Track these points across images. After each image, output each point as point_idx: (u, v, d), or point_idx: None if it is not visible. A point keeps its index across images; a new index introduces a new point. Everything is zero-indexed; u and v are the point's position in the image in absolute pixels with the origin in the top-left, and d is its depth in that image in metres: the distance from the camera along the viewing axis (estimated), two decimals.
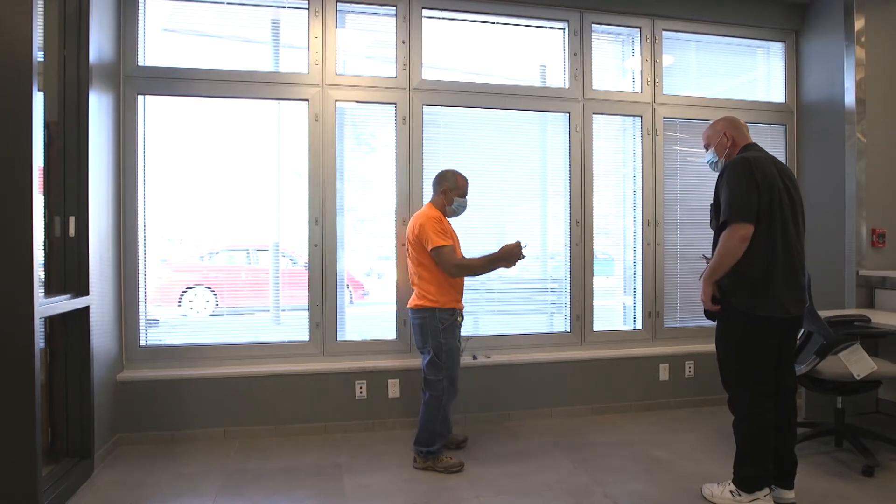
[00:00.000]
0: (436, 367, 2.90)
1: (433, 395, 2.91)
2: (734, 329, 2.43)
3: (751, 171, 2.32)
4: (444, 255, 2.85)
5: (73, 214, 2.80)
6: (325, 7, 3.55)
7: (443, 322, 2.89)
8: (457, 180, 3.04)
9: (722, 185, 2.39)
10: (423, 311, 2.92)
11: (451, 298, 2.94)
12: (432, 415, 2.90)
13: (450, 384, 2.92)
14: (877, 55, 3.82)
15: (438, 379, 2.90)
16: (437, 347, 2.89)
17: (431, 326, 2.89)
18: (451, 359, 2.92)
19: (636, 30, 4.05)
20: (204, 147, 3.50)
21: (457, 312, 2.98)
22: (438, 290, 2.90)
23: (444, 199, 3.03)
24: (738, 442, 2.46)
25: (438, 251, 2.85)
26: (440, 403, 2.90)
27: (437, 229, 2.88)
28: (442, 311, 2.90)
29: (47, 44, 2.68)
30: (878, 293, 3.74)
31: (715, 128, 2.61)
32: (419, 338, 2.97)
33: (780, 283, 2.34)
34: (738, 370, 2.44)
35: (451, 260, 2.86)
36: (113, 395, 3.19)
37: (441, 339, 2.89)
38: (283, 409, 3.43)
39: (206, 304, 3.56)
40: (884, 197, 3.82)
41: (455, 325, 2.97)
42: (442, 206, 3.04)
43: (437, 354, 2.89)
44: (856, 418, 3.54)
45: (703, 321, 4.11)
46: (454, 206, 3.04)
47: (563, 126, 3.93)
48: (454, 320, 2.95)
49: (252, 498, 2.63)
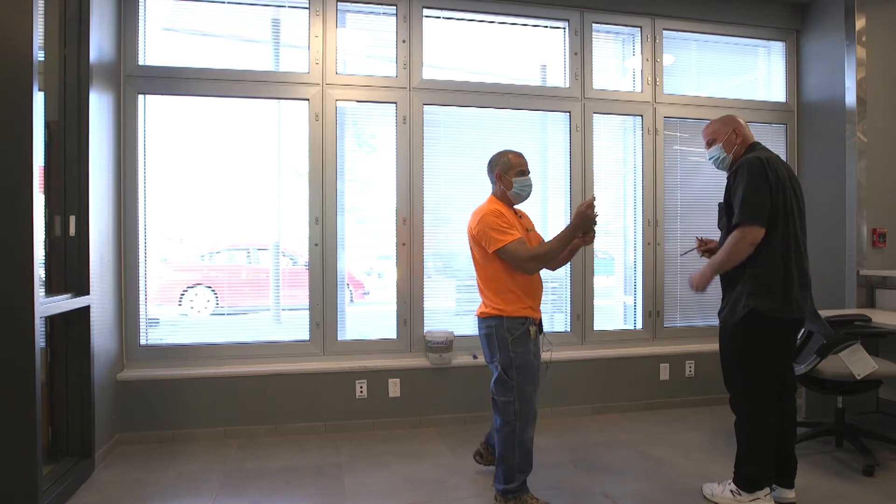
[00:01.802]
0: (504, 385, 2.45)
1: (504, 421, 2.46)
2: (747, 330, 2.39)
3: (765, 172, 2.30)
4: (512, 251, 2.39)
5: (74, 214, 2.80)
6: (325, 6, 3.55)
7: (511, 332, 2.44)
8: (508, 159, 2.57)
9: (736, 184, 2.35)
10: (488, 319, 2.50)
11: (522, 305, 2.47)
12: (508, 445, 2.45)
13: (523, 406, 2.44)
14: (877, 55, 3.82)
15: (508, 400, 2.45)
16: (505, 362, 2.45)
17: (499, 337, 2.46)
18: (522, 376, 2.45)
19: (637, 29, 4.05)
20: (204, 146, 3.50)
21: (529, 321, 2.48)
22: (504, 296, 2.47)
23: (502, 184, 2.57)
24: (741, 441, 2.46)
25: (504, 250, 2.40)
26: (514, 430, 2.43)
27: (498, 225, 2.43)
28: (510, 319, 2.45)
29: (48, 43, 2.68)
30: (878, 293, 3.74)
31: (723, 123, 2.55)
32: (486, 350, 2.56)
33: (795, 283, 2.35)
34: (745, 370, 2.43)
35: (522, 254, 2.39)
36: (113, 394, 3.19)
37: (510, 351, 2.44)
38: (284, 409, 3.43)
39: (207, 303, 3.56)
40: (884, 197, 3.81)
41: (527, 336, 2.47)
42: (503, 195, 2.59)
43: (505, 370, 2.44)
44: (856, 418, 3.54)
45: (702, 321, 4.18)
46: (515, 188, 2.56)
47: (564, 125, 3.93)
48: (525, 330, 2.47)
49: (252, 497, 2.63)
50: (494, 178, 2.60)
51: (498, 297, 2.47)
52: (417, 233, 3.66)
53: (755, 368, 2.40)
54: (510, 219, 2.50)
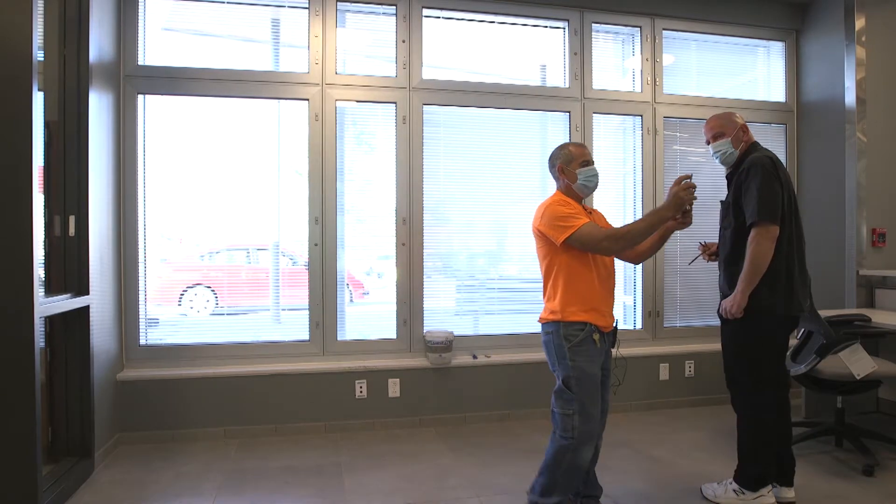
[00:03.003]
0: (563, 398, 2.20)
1: (560, 436, 2.21)
2: (752, 328, 2.40)
3: (776, 171, 2.33)
4: (584, 234, 2.16)
5: (74, 214, 2.80)
6: (325, 6, 3.55)
7: (569, 339, 2.19)
8: (568, 151, 2.35)
9: (748, 183, 2.35)
10: (546, 325, 2.29)
11: (581, 308, 2.21)
12: (556, 459, 2.20)
13: (583, 423, 2.17)
14: (877, 55, 3.82)
15: (567, 414, 2.18)
16: (565, 372, 2.20)
17: (555, 345, 2.23)
18: (583, 388, 2.17)
19: (636, 29, 4.05)
20: (204, 146, 3.50)
21: (590, 327, 2.20)
22: (563, 297, 2.23)
23: (565, 178, 2.34)
24: (745, 440, 2.47)
25: (574, 237, 2.16)
26: (568, 448, 2.17)
27: (564, 213, 2.21)
28: (567, 325, 2.20)
29: (47, 43, 2.68)
30: (878, 293, 3.74)
31: (729, 118, 2.53)
32: (548, 358, 2.33)
33: (797, 281, 2.37)
34: (750, 369, 2.44)
35: (596, 234, 2.16)
36: (113, 394, 3.19)
37: (569, 360, 2.19)
38: (283, 409, 3.43)
39: (207, 303, 3.56)
40: (884, 196, 3.82)
41: (590, 344, 2.20)
42: (568, 189, 2.35)
43: (565, 382, 2.20)
44: (856, 418, 3.54)
45: (702, 321, 4.18)
46: (581, 180, 2.31)
47: (564, 125, 3.93)
48: (587, 337, 2.20)
49: (252, 497, 2.63)
50: (556, 172, 2.37)
51: (556, 298, 2.24)
52: (417, 233, 3.66)
53: (758, 367, 2.41)
54: (577, 207, 2.29)
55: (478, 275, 3.85)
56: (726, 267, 2.48)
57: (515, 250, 3.91)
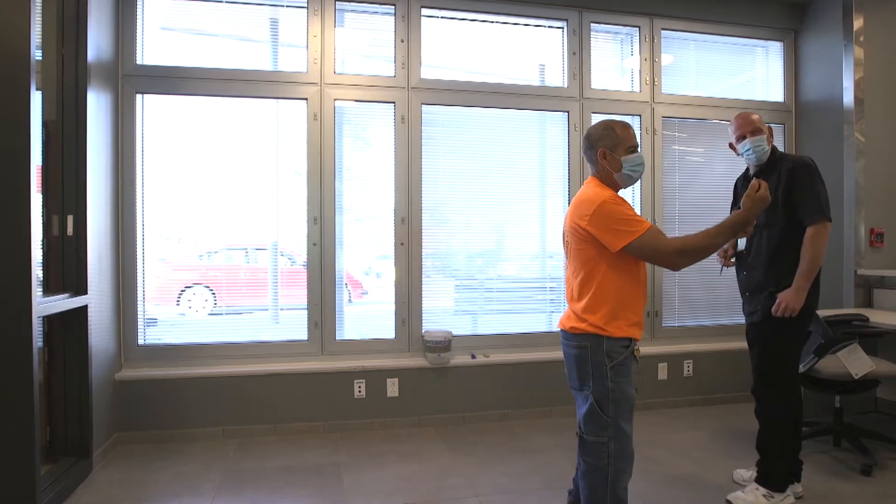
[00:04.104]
0: (597, 421, 1.94)
1: (594, 466, 1.96)
2: (800, 325, 2.46)
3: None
4: (652, 242, 1.86)
5: (72, 213, 2.79)
6: (323, 6, 3.55)
7: (612, 356, 1.92)
8: (615, 133, 2.01)
9: (802, 181, 2.42)
10: (581, 337, 1.96)
11: (628, 322, 1.94)
12: (596, 495, 1.96)
13: (619, 447, 1.94)
14: (875, 55, 3.82)
15: (601, 441, 1.94)
16: (600, 394, 1.93)
17: (594, 362, 1.93)
18: (620, 411, 1.93)
19: (635, 29, 4.06)
20: (202, 146, 3.50)
21: (633, 343, 1.96)
22: (609, 308, 1.93)
23: (607, 165, 2.01)
24: (774, 439, 2.48)
25: (639, 244, 1.86)
26: (605, 477, 1.93)
27: (625, 214, 1.89)
28: (612, 340, 1.92)
29: (46, 42, 2.68)
30: (876, 292, 3.75)
31: (761, 119, 2.58)
32: (575, 374, 2.00)
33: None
34: (787, 367, 2.47)
35: (668, 247, 1.87)
36: (111, 394, 3.19)
37: (608, 380, 1.92)
38: (282, 409, 3.43)
39: (205, 303, 3.56)
40: (882, 196, 3.82)
41: (631, 362, 1.97)
42: (608, 177, 2.03)
43: (599, 403, 1.93)
44: (854, 417, 3.54)
45: (702, 321, 4.18)
46: (626, 169, 2.00)
47: (562, 125, 3.93)
48: (629, 354, 1.95)
49: (251, 497, 2.63)
50: (597, 156, 2.02)
51: (599, 309, 1.93)
52: (416, 232, 3.66)
53: (795, 365, 2.47)
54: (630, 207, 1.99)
55: (476, 275, 3.85)
56: (770, 265, 2.48)
57: (514, 250, 3.91)
